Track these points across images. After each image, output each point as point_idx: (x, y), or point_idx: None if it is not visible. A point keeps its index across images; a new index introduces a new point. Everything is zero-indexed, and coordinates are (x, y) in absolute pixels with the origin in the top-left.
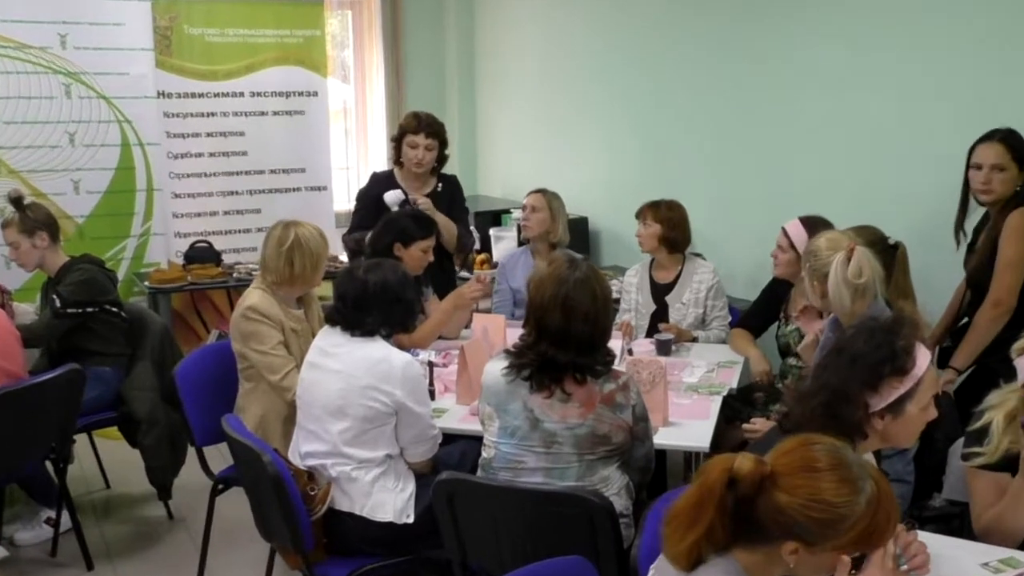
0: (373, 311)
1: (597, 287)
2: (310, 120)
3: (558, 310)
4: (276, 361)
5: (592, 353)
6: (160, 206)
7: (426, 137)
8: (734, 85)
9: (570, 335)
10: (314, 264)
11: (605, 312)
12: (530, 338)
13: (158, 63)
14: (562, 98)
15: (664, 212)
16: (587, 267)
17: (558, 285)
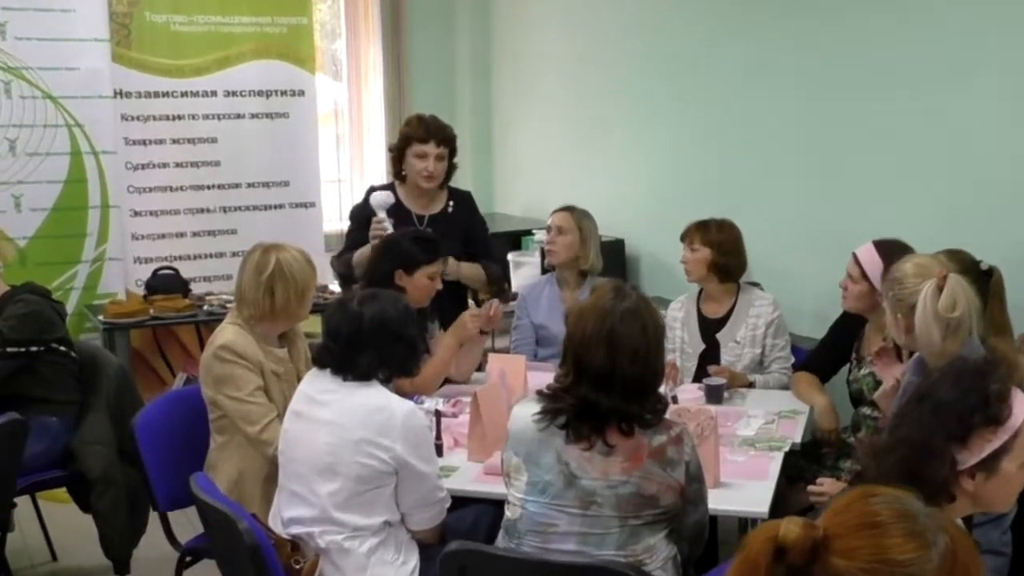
0: (369, 350)
1: (648, 320)
2: (295, 124)
3: (602, 347)
4: (254, 410)
5: (641, 399)
6: (117, 226)
7: (437, 145)
8: (797, 87)
9: (615, 377)
10: (299, 295)
11: (657, 350)
12: (567, 379)
13: (115, 56)
14: (594, 102)
15: (714, 234)
16: (636, 296)
17: (602, 318)
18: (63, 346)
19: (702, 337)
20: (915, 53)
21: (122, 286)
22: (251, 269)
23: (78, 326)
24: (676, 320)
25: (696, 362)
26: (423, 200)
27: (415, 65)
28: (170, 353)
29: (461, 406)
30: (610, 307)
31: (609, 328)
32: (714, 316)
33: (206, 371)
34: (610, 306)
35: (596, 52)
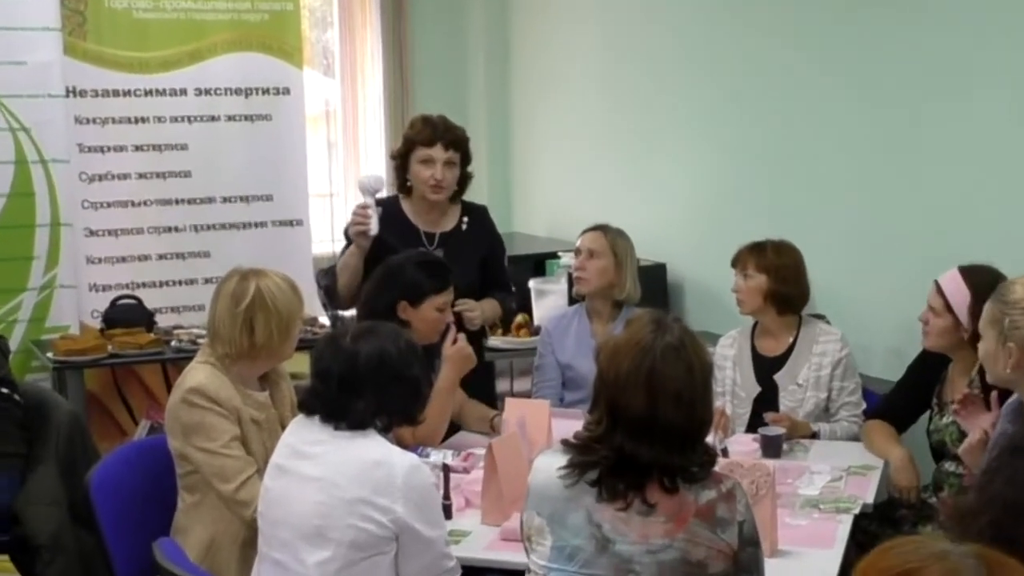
0: (366, 394)
1: (694, 357)
2: (279, 128)
3: (640, 389)
4: (230, 464)
5: (686, 449)
6: (69, 248)
7: (445, 149)
8: (863, 89)
9: (656, 424)
10: (283, 329)
11: (705, 392)
12: (599, 427)
13: (67, 48)
14: (631, 105)
15: (771, 258)
16: (680, 329)
17: (640, 355)
18: (5, 388)
19: (757, 379)
20: (1001, 45)
21: (75, 318)
22: (226, 299)
23: (23, 365)
24: (727, 359)
25: (750, 408)
26: (432, 216)
27: (420, 59)
28: (131, 397)
29: (473, 460)
30: (649, 342)
31: (649, 367)
32: (771, 354)
33: (173, 419)
34: (649, 341)
35: (634, 48)
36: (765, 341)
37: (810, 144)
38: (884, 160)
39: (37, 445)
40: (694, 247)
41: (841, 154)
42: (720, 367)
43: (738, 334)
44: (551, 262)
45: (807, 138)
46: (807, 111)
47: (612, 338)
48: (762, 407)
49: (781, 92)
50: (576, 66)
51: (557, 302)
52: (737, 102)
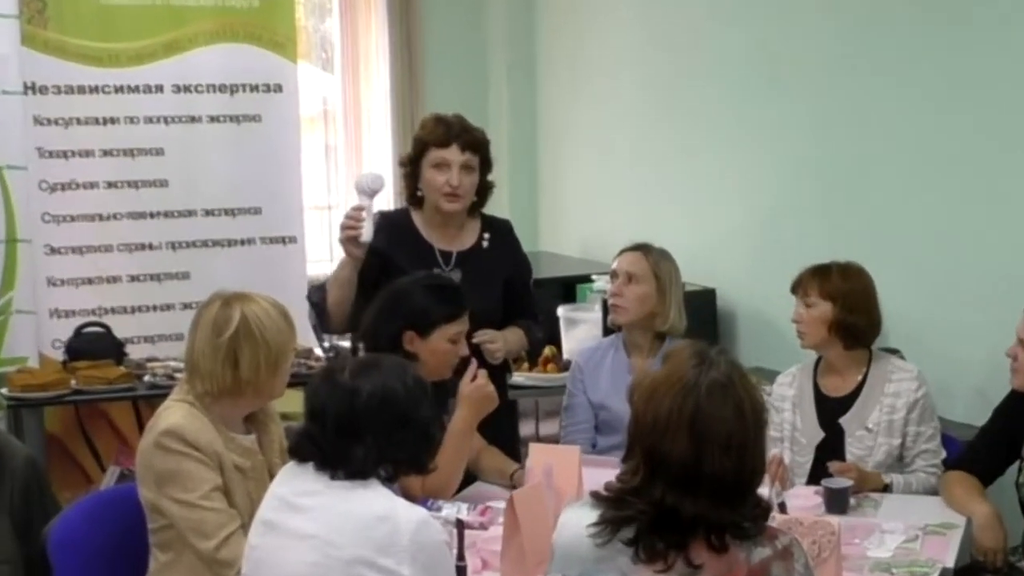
0: (367, 439)
1: (744, 396)
2: (270, 130)
3: (683, 434)
4: (209, 518)
5: (736, 502)
6: (27, 268)
7: (462, 151)
8: (944, 95)
9: (702, 473)
10: (272, 363)
11: (757, 436)
12: (636, 477)
13: (25, 38)
14: (675, 110)
15: (837, 283)
16: (727, 364)
17: (682, 394)
18: None
19: (820, 423)
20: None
21: (34, 349)
22: (207, 328)
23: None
24: (785, 399)
25: (812, 456)
26: (448, 231)
27: (433, 53)
28: (98, 440)
29: (492, 514)
30: (693, 379)
31: (693, 408)
32: (837, 394)
33: (145, 465)
34: (692, 378)
35: (679, 46)
36: (830, 379)
37: (880, 156)
38: (965, 175)
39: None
40: (748, 270)
41: (916, 168)
42: (778, 409)
43: (798, 371)
44: (583, 286)
45: (877, 149)
46: (876, 119)
47: (649, 375)
48: (826, 455)
49: (845, 98)
50: (612, 63)
51: (590, 332)
52: (797, 109)
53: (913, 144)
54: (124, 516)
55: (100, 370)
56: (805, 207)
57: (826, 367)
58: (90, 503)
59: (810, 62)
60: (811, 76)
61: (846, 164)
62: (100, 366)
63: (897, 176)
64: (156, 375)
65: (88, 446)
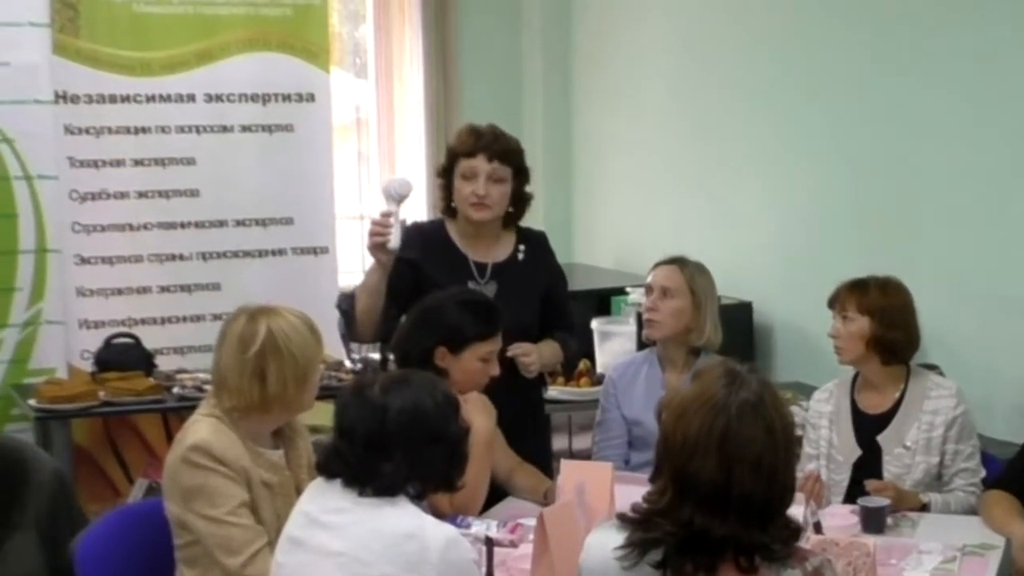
0: (395, 455)
1: (775, 416)
2: (302, 140)
3: (712, 454)
4: (236, 535)
5: (766, 523)
6: (57, 278)
7: (489, 160)
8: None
9: (732, 494)
10: (299, 378)
11: (787, 457)
12: (663, 498)
13: (57, 47)
14: (712, 121)
15: (875, 297)
16: (758, 383)
17: (712, 413)
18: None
19: (858, 440)
20: None
21: (63, 360)
22: (233, 343)
23: (2, 414)
24: (822, 416)
25: (849, 474)
26: (482, 242)
27: (467, 61)
28: (127, 452)
29: (522, 532)
30: (723, 399)
31: (722, 428)
32: (874, 411)
33: (172, 480)
34: (723, 397)
35: (716, 55)
36: (867, 396)
37: (918, 167)
38: (1007, 186)
39: (13, 509)
40: (785, 283)
41: (956, 179)
42: (814, 426)
43: (835, 387)
44: (617, 299)
45: (915, 160)
46: (914, 129)
47: (678, 394)
48: (863, 473)
49: (882, 108)
50: (648, 73)
51: (624, 346)
52: (834, 120)
53: (952, 155)
54: (150, 531)
55: (129, 382)
56: (842, 219)
57: (864, 383)
58: (116, 518)
59: (847, 72)
60: (848, 86)
61: (884, 175)
62: (129, 378)
63: (936, 187)
64: (185, 387)
65: (116, 458)
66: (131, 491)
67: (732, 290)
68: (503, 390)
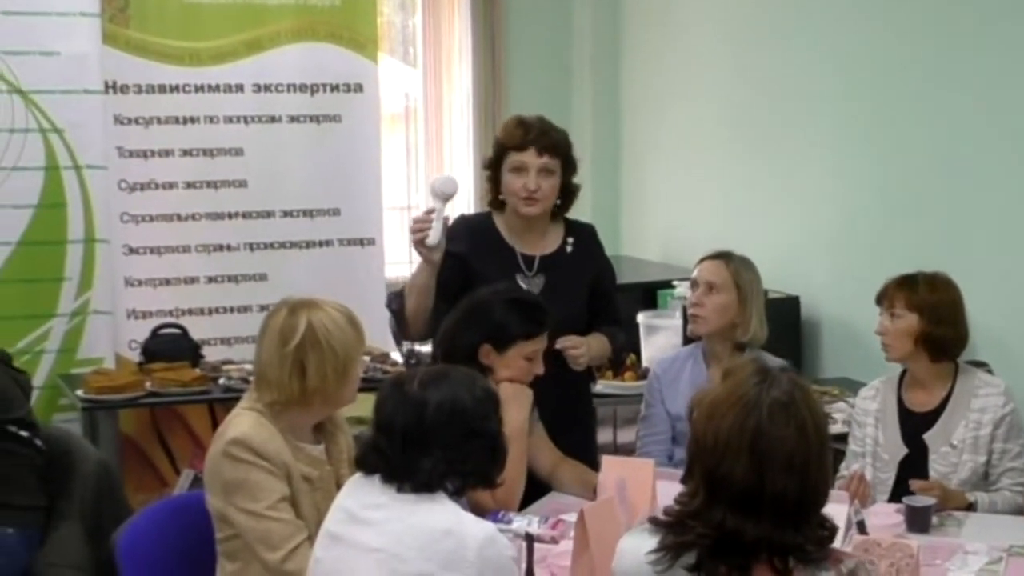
0: (435, 451)
1: (807, 415)
2: (350, 131)
3: (744, 454)
4: (276, 529)
5: (800, 523)
6: (106, 268)
7: (539, 154)
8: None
9: (764, 495)
10: (340, 371)
11: (821, 455)
12: (695, 500)
13: (107, 37)
14: (760, 112)
15: (923, 294)
16: (789, 381)
17: (743, 412)
18: (25, 431)
19: (904, 438)
20: None
21: (110, 350)
22: (273, 338)
23: (49, 404)
24: (868, 413)
25: (894, 473)
26: (531, 236)
27: (516, 51)
28: (173, 442)
29: (563, 528)
30: (754, 397)
31: (753, 428)
32: (922, 409)
33: (213, 474)
34: (753, 396)
35: (767, 44)
36: (914, 393)
37: (968, 159)
38: None
39: (60, 499)
40: (833, 278)
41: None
42: (860, 424)
43: (882, 384)
44: (663, 292)
45: (966, 152)
46: (965, 122)
47: (708, 392)
48: (909, 472)
49: (931, 101)
50: (697, 63)
51: (670, 340)
52: (882, 112)
53: (1007, 150)
54: (192, 524)
55: (175, 372)
56: (891, 212)
57: (911, 381)
58: (158, 510)
59: (896, 62)
60: (896, 77)
61: (933, 168)
62: (175, 368)
63: (986, 181)
64: (231, 378)
65: (163, 448)
66: (177, 481)
67: (779, 284)
68: (551, 383)
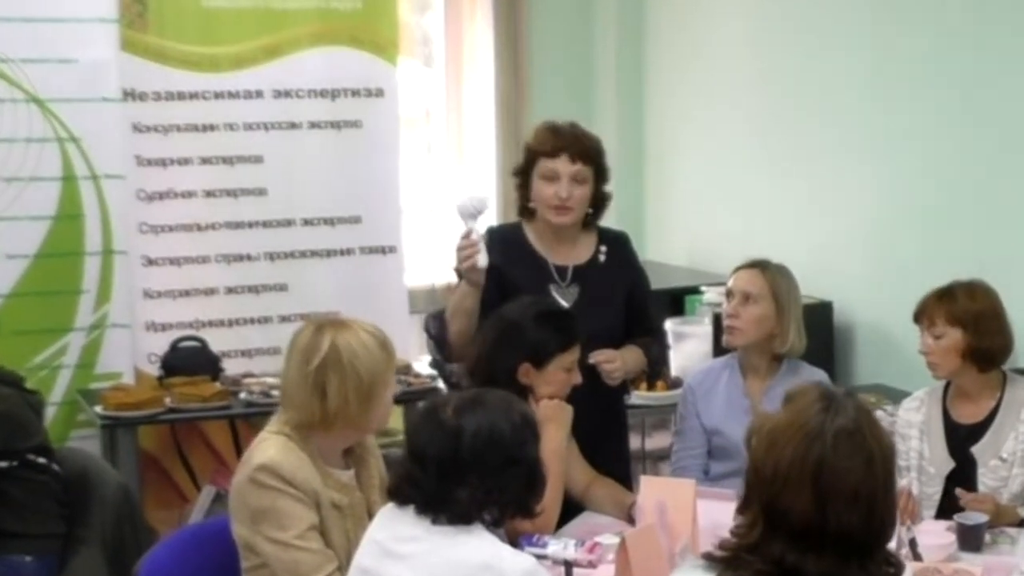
0: (471, 481)
1: (874, 445)
2: (371, 136)
3: (806, 487)
4: (305, 559)
5: (864, 559)
6: (124, 280)
7: (572, 161)
8: None
9: (827, 529)
10: (363, 395)
11: (887, 487)
12: (752, 532)
13: (125, 43)
14: (792, 112)
15: (964, 305)
16: (855, 408)
17: (806, 442)
18: (42, 457)
19: (951, 452)
20: None
21: (129, 364)
22: (297, 356)
23: (68, 420)
24: (912, 426)
25: (941, 487)
26: (563, 246)
27: (538, 52)
28: (193, 458)
29: (599, 551)
30: (817, 426)
31: (817, 459)
32: (968, 421)
33: (239, 501)
34: (817, 424)
35: (798, 41)
36: (961, 405)
37: (1004, 159)
38: None
39: (78, 525)
40: (866, 282)
41: None
42: (904, 436)
43: (926, 396)
44: (692, 298)
45: (1000, 152)
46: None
47: (769, 419)
48: (956, 486)
49: (966, 101)
50: (724, 65)
51: (700, 347)
52: (916, 112)
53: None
54: (217, 551)
55: (195, 387)
56: (926, 213)
57: (957, 392)
58: (181, 538)
59: (930, 62)
60: (930, 77)
61: (969, 168)
62: (195, 383)
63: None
64: (252, 392)
65: (183, 464)
66: (198, 500)
67: (811, 289)
68: (585, 397)
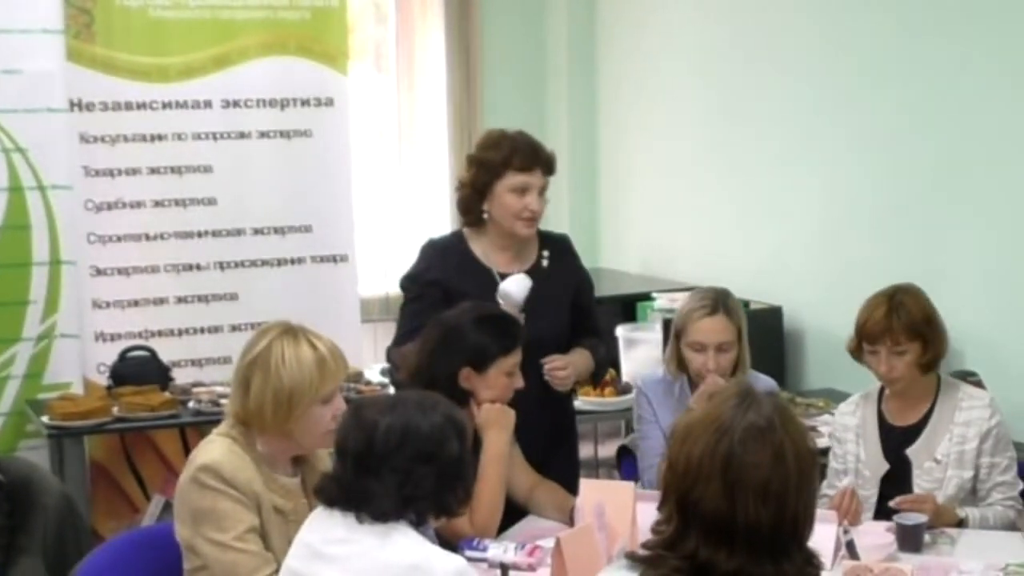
0: (384, 476)
1: (786, 440)
2: (321, 146)
3: (715, 480)
4: (242, 561)
5: (778, 555)
6: (72, 290)
7: (544, 175)
8: None
9: (736, 524)
10: (282, 403)
11: (800, 484)
12: (669, 528)
13: (71, 54)
14: (742, 119)
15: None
16: (772, 406)
17: (717, 435)
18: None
19: (885, 454)
20: None
21: (78, 374)
22: (243, 350)
23: (15, 432)
24: (848, 429)
25: (876, 490)
26: (507, 253)
27: (490, 60)
28: (143, 468)
29: (540, 555)
30: (728, 420)
31: (726, 452)
32: (903, 423)
33: (181, 502)
34: (729, 419)
35: (745, 55)
36: (896, 408)
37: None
38: None
39: (20, 534)
40: (818, 287)
41: (991, 177)
42: (840, 440)
43: (861, 399)
44: (643, 304)
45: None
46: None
47: (687, 415)
48: (891, 489)
49: (912, 110)
50: (676, 74)
51: (651, 353)
52: (863, 121)
53: (995, 157)
54: (157, 557)
55: (143, 396)
56: (874, 220)
57: (892, 394)
58: (121, 543)
59: (878, 75)
60: (878, 88)
61: (916, 175)
62: (144, 392)
63: (970, 186)
64: (201, 401)
65: (133, 474)
66: (147, 509)
67: (761, 294)
68: (534, 403)
